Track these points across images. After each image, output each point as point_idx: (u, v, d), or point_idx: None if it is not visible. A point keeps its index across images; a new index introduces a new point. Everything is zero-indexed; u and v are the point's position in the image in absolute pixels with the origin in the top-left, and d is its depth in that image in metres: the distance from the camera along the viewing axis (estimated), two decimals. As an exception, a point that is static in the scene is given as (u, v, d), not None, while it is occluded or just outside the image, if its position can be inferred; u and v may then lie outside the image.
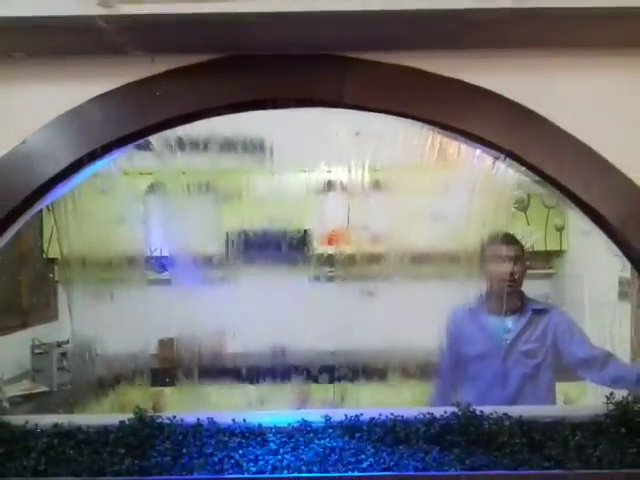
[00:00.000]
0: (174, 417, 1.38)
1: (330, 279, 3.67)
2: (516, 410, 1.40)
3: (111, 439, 1.33)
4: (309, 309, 3.33)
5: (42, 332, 3.59)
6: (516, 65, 1.31)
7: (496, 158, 1.38)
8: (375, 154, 2.30)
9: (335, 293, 3.63)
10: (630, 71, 1.30)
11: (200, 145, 2.61)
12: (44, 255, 3.78)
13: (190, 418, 1.38)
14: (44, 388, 3.09)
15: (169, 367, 3.29)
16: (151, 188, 2.76)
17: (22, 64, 1.32)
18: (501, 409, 1.40)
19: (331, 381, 3.42)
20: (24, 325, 3.54)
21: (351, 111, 1.41)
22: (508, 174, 1.56)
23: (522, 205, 3.87)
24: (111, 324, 2.81)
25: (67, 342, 3.37)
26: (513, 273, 2.05)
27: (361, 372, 3.25)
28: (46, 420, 1.40)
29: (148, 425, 1.34)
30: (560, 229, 3.86)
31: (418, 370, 2.89)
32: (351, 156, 2.50)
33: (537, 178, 1.40)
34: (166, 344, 3.63)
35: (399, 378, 3.06)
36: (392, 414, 1.39)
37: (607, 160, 1.29)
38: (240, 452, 1.28)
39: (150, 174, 2.81)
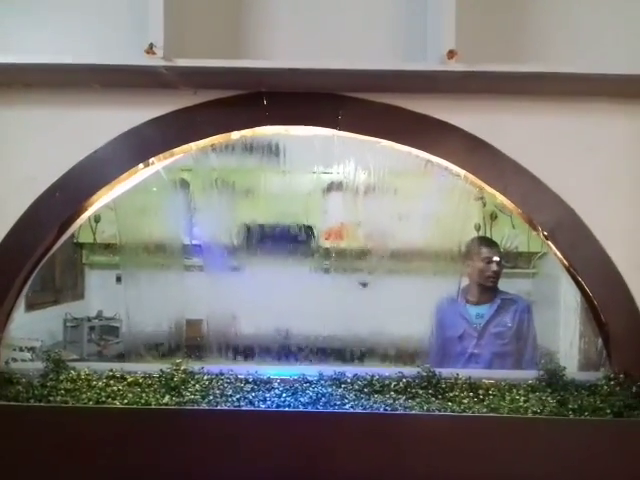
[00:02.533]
0: (202, 368, 1.79)
1: (329, 271, 4.05)
2: (467, 372, 1.81)
3: (154, 382, 1.74)
4: (311, 297, 3.72)
5: (70, 309, 4.03)
6: (473, 106, 1.70)
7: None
8: (373, 159, 2.68)
9: (333, 283, 4.03)
10: (558, 114, 1.70)
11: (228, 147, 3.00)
12: (74, 240, 4.19)
13: (214, 369, 1.79)
14: (75, 356, 3.51)
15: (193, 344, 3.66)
16: (182, 183, 3.13)
17: (98, 93, 1.72)
18: (455, 371, 1.80)
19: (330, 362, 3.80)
20: (56, 302, 3.97)
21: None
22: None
23: (508, 210, 4.23)
24: (140, 304, 3.23)
25: (96, 318, 3.80)
26: (496, 271, 2.49)
27: (356, 355, 3.64)
28: (102, 367, 1.82)
29: (182, 372, 1.75)
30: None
31: (405, 354, 3.29)
32: (352, 160, 2.89)
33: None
34: (193, 324, 4.00)
35: (388, 361, 3.46)
36: (371, 371, 1.79)
37: (540, 179, 1.69)
38: (253, 394, 1.68)
39: (187, 171, 3.16)
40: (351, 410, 1.60)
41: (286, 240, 3.86)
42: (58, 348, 3.70)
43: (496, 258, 2.55)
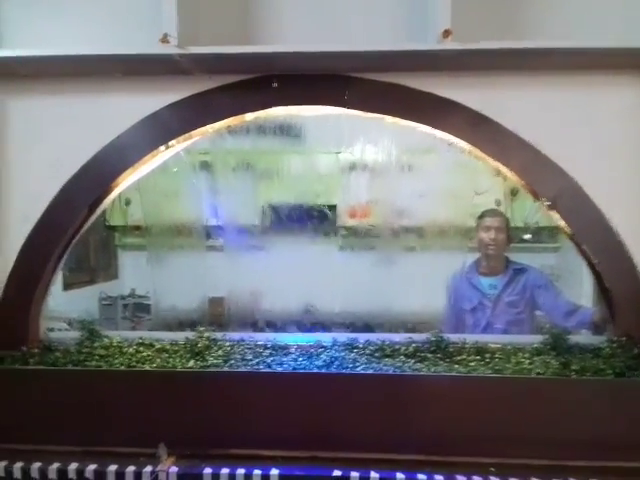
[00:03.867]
0: (224, 335, 1.92)
1: (354, 248, 4.15)
2: (474, 337, 1.89)
3: (180, 348, 1.88)
4: (334, 274, 3.83)
5: (105, 288, 4.22)
6: (476, 83, 1.77)
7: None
8: (395, 139, 2.76)
9: (359, 261, 4.12)
10: (557, 88, 1.75)
11: (245, 130, 3.11)
12: (106, 223, 4.38)
13: (236, 336, 1.92)
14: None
15: (217, 321, 3.83)
16: (204, 165, 3.26)
17: (120, 81, 1.85)
18: (463, 336, 1.88)
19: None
20: (91, 281, 4.17)
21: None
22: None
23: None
24: (167, 283, 3.39)
25: (129, 296, 3.99)
26: (493, 239, 2.53)
27: (370, 328, 3.75)
28: (133, 335, 1.97)
29: (206, 339, 1.88)
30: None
31: (421, 325, 3.37)
32: (374, 140, 2.97)
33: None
34: (215, 301, 4.17)
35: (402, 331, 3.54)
36: (382, 337, 1.89)
37: (541, 152, 1.75)
38: (271, 359, 1.80)
39: (206, 154, 3.29)
40: (362, 372, 1.71)
41: (309, 219, 3.96)
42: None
43: (494, 225, 2.57)
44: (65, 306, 3.46)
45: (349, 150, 3.84)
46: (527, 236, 4.25)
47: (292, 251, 3.90)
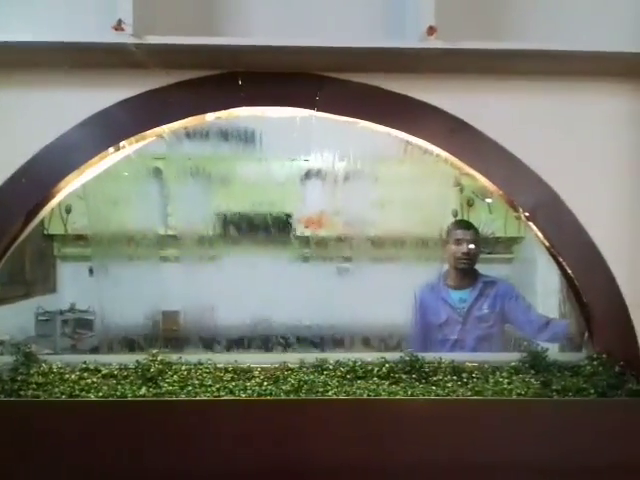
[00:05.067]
0: (180, 358, 1.74)
1: (307, 259, 4.03)
2: (450, 356, 1.79)
3: (130, 373, 1.69)
4: (290, 286, 3.69)
5: (42, 303, 3.92)
6: (454, 86, 1.67)
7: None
8: (352, 147, 2.66)
9: (314, 271, 4.00)
10: (540, 94, 1.68)
11: (202, 134, 2.94)
12: (45, 231, 4.08)
13: (193, 359, 1.74)
14: (49, 351, 3.42)
15: (171, 336, 3.60)
16: (156, 171, 3.07)
17: (66, 74, 1.65)
18: (438, 355, 1.78)
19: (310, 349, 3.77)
20: (27, 295, 3.85)
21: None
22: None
23: (485, 195, 4.25)
24: (114, 296, 3.16)
25: (69, 311, 3.71)
26: (466, 252, 2.46)
27: (335, 342, 3.63)
28: (75, 359, 1.75)
29: (159, 363, 1.70)
30: (518, 218, 4.23)
31: (387, 341, 3.28)
32: (331, 148, 2.85)
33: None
34: (169, 316, 3.93)
35: (368, 348, 3.45)
36: (353, 357, 1.76)
37: (521, 161, 1.67)
38: (233, 384, 1.64)
39: (160, 159, 3.10)
40: (334, 397, 1.57)
41: (264, 228, 3.81)
42: (29, 342, 3.62)
43: (466, 238, 2.51)
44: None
45: (311, 157, 3.72)
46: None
47: (247, 262, 3.73)
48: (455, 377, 1.71)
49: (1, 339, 1.79)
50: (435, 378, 1.70)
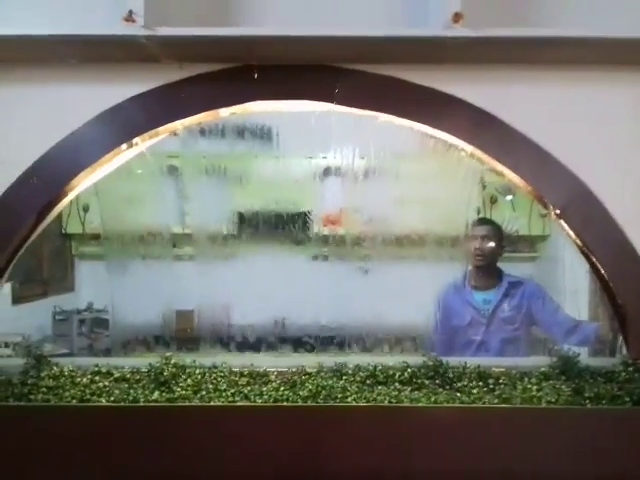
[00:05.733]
0: (194, 361, 1.68)
1: (326, 258, 3.95)
2: (475, 361, 1.70)
3: (142, 377, 1.63)
4: (309, 285, 3.62)
5: (60, 302, 3.90)
6: (480, 77, 1.59)
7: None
8: (373, 143, 2.57)
9: (333, 271, 3.92)
10: (571, 84, 1.58)
11: (218, 132, 2.89)
12: (63, 230, 4.06)
13: (207, 362, 1.68)
14: (65, 350, 3.40)
15: (180, 336, 3.57)
16: (171, 169, 3.02)
17: (76, 69, 1.60)
18: (463, 359, 1.69)
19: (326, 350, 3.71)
20: (44, 294, 3.84)
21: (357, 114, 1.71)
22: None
23: (508, 192, 4.14)
24: (128, 295, 3.12)
25: (86, 310, 3.69)
26: (480, 249, 2.37)
27: (355, 344, 3.55)
28: (87, 362, 1.71)
29: (173, 366, 1.64)
30: (544, 215, 4.12)
31: (408, 344, 3.20)
32: (350, 144, 2.77)
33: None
34: (183, 315, 3.90)
35: (389, 349, 3.37)
36: (373, 362, 1.69)
37: (552, 154, 1.58)
38: (248, 388, 1.58)
39: (175, 157, 3.05)
40: (353, 403, 1.50)
41: (282, 226, 3.75)
42: (46, 342, 3.60)
43: (482, 234, 2.41)
44: (14, 322, 3.17)
45: (329, 153, 3.63)
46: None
47: (264, 261, 3.67)
48: (481, 383, 1.63)
49: (12, 340, 1.74)
50: (460, 384, 1.62)
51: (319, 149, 3.31)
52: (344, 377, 1.64)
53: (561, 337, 2.29)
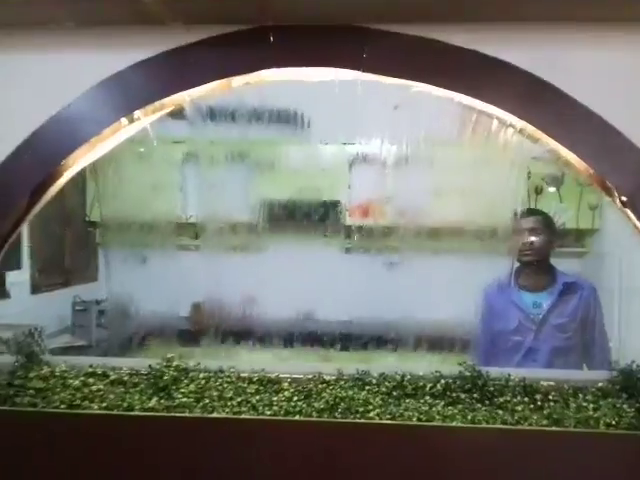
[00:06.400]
0: (198, 364, 1.49)
1: (359, 250, 3.74)
2: (520, 372, 1.47)
3: (141, 380, 1.46)
4: (337, 278, 3.42)
5: (82, 291, 3.80)
6: (533, 38, 1.34)
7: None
8: (410, 129, 2.34)
9: (364, 264, 3.71)
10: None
11: (230, 115, 2.71)
12: (86, 218, 3.95)
13: (213, 365, 1.49)
14: (83, 342, 3.29)
15: (201, 329, 3.43)
16: (187, 156, 2.87)
17: (71, 33, 1.42)
18: (505, 371, 1.46)
19: (356, 349, 3.51)
20: (66, 283, 3.74)
21: (387, 84, 1.49)
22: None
23: (556, 182, 3.85)
24: (145, 286, 2.98)
25: (105, 301, 3.56)
26: (525, 244, 2.10)
27: (382, 342, 3.33)
28: (82, 362, 1.54)
29: (174, 369, 1.46)
30: (593, 208, 3.82)
31: (438, 342, 2.96)
32: (385, 130, 2.55)
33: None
34: (199, 307, 3.77)
35: (420, 349, 3.14)
36: (401, 370, 1.47)
37: (620, 132, 1.32)
38: (257, 397, 1.38)
39: (184, 142, 2.91)
40: (377, 420, 1.29)
41: (309, 217, 3.55)
42: (65, 333, 3.50)
43: (529, 227, 2.13)
44: (33, 312, 3.06)
45: (356, 135, 3.40)
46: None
47: (291, 253, 3.48)
48: (527, 399, 1.40)
49: (2, 337, 1.58)
50: (502, 399, 1.39)
51: (344, 128, 3.08)
52: (367, 387, 1.43)
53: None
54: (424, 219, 3.25)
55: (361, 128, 2.56)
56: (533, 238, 2.12)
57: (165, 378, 1.43)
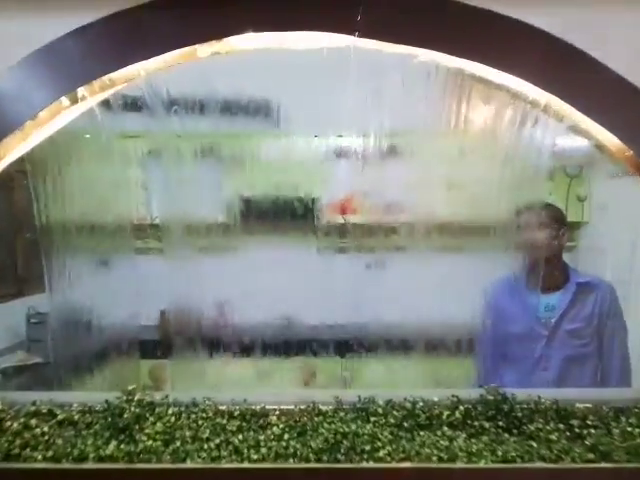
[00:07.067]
0: (166, 396, 1.23)
1: (340, 250, 3.51)
2: (552, 393, 1.25)
3: (96, 419, 1.19)
4: (317, 281, 3.17)
5: (39, 302, 3.46)
6: (564, -5, 1.12)
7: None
8: (391, 118, 2.12)
9: (345, 264, 3.48)
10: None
11: (197, 106, 2.44)
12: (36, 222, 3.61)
13: (184, 397, 1.23)
14: (38, 359, 2.97)
15: (170, 339, 3.15)
16: (149, 152, 2.60)
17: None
18: (535, 392, 1.24)
19: (341, 356, 3.29)
20: (20, 294, 3.40)
21: (366, 71, 1.28)
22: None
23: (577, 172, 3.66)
24: (105, 295, 2.69)
25: (59, 311, 3.24)
26: (532, 241, 1.90)
27: (371, 347, 3.11)
28: (24, 397, 1.26)
29: (137, 404, 1.20)
30: (582, 200, 3.65)
31: (432, 346, 2.73)
32: (365, 120, 2.32)
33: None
34: (168, 315, 3.49)
35: (412, 354, 2.91)
36: (411, 395, 1.23)
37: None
38: (240, 437, 1.13)
39: (140, 137, 2.64)
40: (388, 462, 1.05)
41: (286, 215, 3.30)
42: (19, 349, 3.18)
43: (533, 220, 1.93)
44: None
45: (335, 133, 3.17)
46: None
47: (264, 253, 3.22)
48: (562, 425, 1.18)
49: None
50: (532, 427, 1.17)
51: (330, 126, 2.85)
52: (372, 418, 1.19)
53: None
54: (410, 215, 3.02)
55: (347, 116, 2.31)
56: (539, 235, 1.91)
57: (125, 416, 1.17)
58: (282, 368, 3.13)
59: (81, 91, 1.20)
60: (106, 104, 1.37)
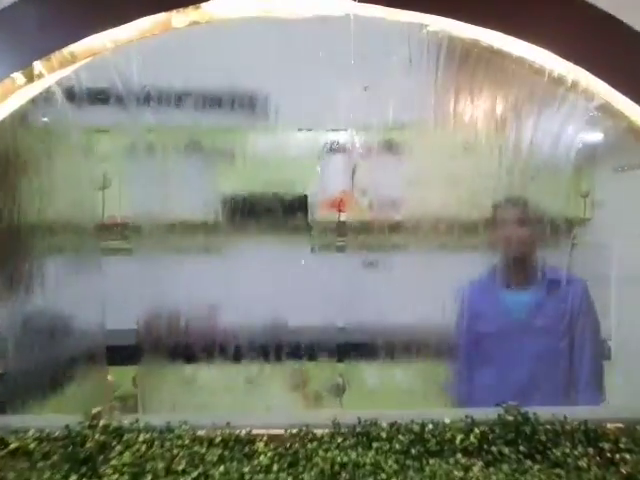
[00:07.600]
0: (137, 421, 1.07)
1: (333, 248, 3.37)
2: (579, 412, 1.10)
3: (54, 448, 1.02)
4: (309, 281, 3.04)
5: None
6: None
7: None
8: (385, 112, 2.00)
9: (338, 263, 3.34)
10: None
11: (174, 99, 2.28)
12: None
13: (157, 421, 1.07)
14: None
15: (152, 344, 3.00)
16: (130, 147, 2.43)
17: None
18: (561, 411, 1.09)
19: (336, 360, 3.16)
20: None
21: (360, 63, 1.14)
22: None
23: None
24: (79, 298, 2.53)
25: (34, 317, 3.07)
26: (509, 238, 1.85)
27: (366, 350, 2.98)
28: (-27, 421, 1.10)
29: (102, 431, 1.03)
30: (585, 195, 3.53)
31: (428, 348, 2.61)
32: (358, 113, 2.18)
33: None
34: (149, 320, 3.32)
35: (409, 357, 2.77)
36: (419, 416, 1.08)
37: None
38: (222, 468, 0.97)
39: (108, 131, 2.48)
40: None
41: (276, 213, 3.15)
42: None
43: (510, 216, 1.88)
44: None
45: (326, 128, 3.02)
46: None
47: (254, 253, 3.07)
48: (591, 449, 1.03)
49: None
50: (558, 452, 1.02)
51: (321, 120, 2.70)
52: (374, 444, 1.03)
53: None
54: (405, 212, 2.88)
55: (341, 109, 2.18)
56: (516, 231, 1.84)
57: (89, 445, 1.01)
58: (272, 373, 2.98)
59: (37, 66, 1.03)
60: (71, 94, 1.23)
